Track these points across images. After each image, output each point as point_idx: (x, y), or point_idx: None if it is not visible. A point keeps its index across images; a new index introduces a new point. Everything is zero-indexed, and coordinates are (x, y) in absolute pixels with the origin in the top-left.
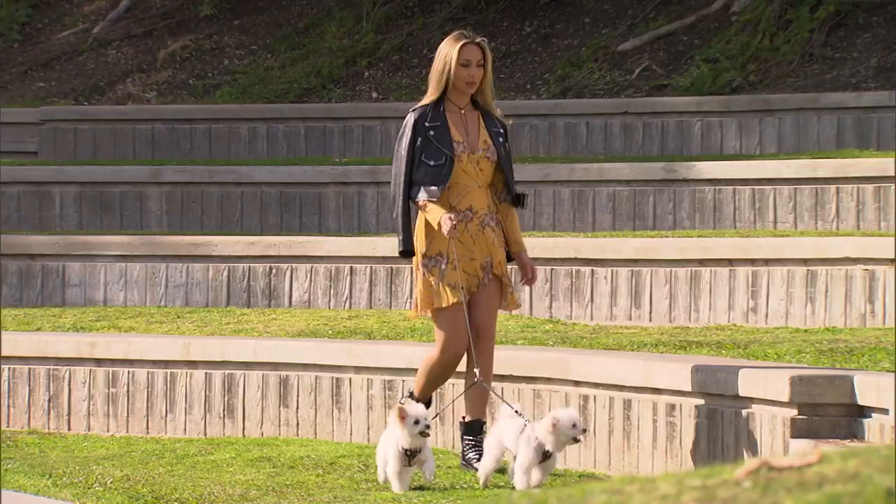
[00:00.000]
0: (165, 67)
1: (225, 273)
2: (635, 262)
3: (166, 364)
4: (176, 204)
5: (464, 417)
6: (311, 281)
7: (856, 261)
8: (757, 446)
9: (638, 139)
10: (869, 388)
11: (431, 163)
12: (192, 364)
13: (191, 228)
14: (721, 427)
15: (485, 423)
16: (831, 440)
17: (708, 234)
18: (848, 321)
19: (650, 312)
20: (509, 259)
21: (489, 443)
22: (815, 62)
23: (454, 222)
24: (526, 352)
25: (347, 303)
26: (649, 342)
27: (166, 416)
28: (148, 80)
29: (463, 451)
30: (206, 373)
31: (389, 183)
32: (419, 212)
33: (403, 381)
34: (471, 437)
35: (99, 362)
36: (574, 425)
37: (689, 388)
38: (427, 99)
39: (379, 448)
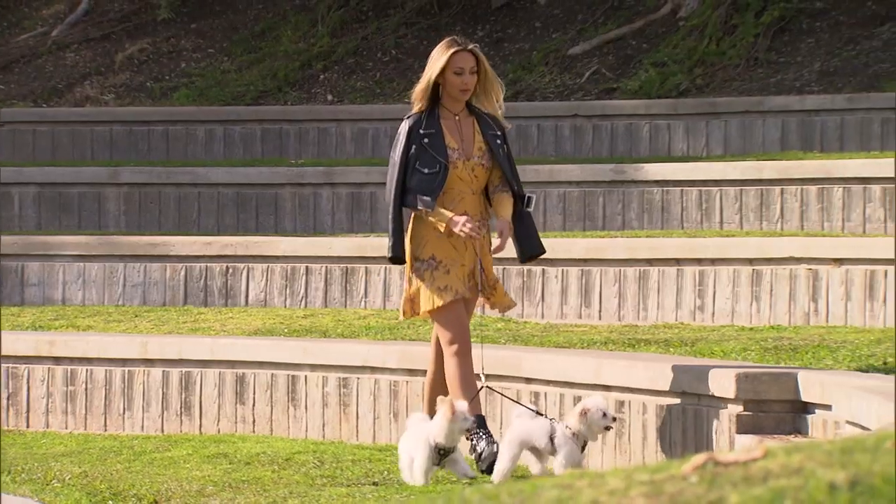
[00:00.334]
0: (123, 70)
1: (182, 273)
2: (585, 261)
3: (124, 362)
4: (134, 204)
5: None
6: (267, 280)
7: (799, 260)
8: (704, 442)
9: (588, 141)
10: (812, 384)
11: (426, 170)
12: (150, 362)
13: (148, 229)
14: (669, 423)
15: (484, 417)
16: (776, 436)
17: (656, 234)
18: (792, 319)
19: (600, 311)
20: (531, 255)
21: (504, 445)
22: (760, 66)
23: (470, 223)
24: (478, 350)
25: (303, 302)
26: (599, 340)
27: (124, 413)
28: (106, 83)
29: (473, 445)
30: (163, 371)
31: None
32: (412, 216)
33: (358, 378)
34: (479, 429)
35: (57, 360)
36: (604, 414)
37: (637, 385)
38: (418, 106)
39: (403, 447)
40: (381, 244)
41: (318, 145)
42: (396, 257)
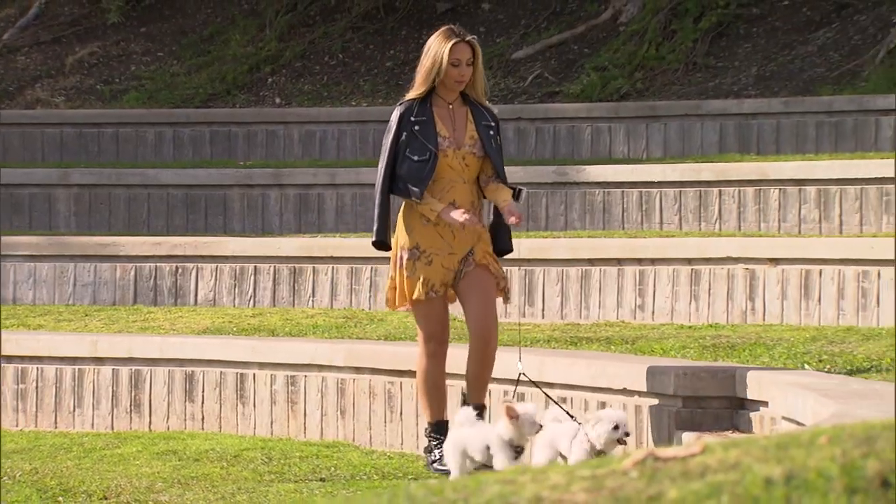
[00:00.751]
0: (74, 73)
1: (132, 272)
2: (528, 261)
3: (74, 361)
4: (84, 205)
5: (464, 395)
6: (216, 280)
7: (737, 260)
8: (644, 438)
9: (531, 143)
10: (749, 381)
11: (415, 158)
12: (100, 360)
13: (98, 229)
14: None
15: (485, 406)
16: (714, 431)
17: (597, 234)
18: (729, 318)
19: (543, 310)
20: (500, 251)
21: (537, 447)
22: (698, 71)
23: (466, 213)
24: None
25: (251, 301)
26: (542, 338)
27: (74, 411)
28: (56, 86)
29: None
30: (113, 369)
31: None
32: (403, 205)
33: (306, 376)
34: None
35: (8, 359)
36: (616, 427)
37: (579, 383)
38: (414, 93)
39: (454, 447)
40: (328, 244)
41: (266, 147)
42: (380, 241)
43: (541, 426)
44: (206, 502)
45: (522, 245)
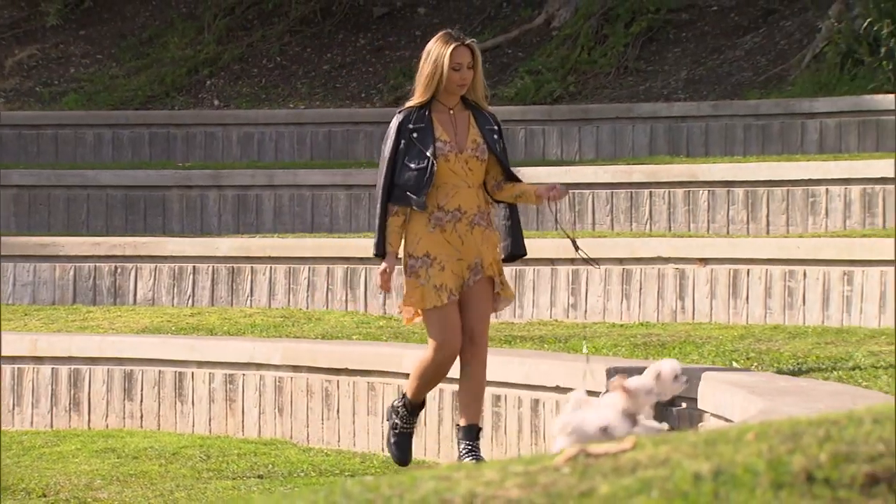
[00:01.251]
0: (13, 75)
1: (71, 272)
2: None
3: (13, 360)
4: (23, 206)
5: (458, 424)
6: (154, 280)
7: (667, 260)
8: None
9: None
10: None
11: (413, 165)
12: (39, 360)
13: (38, 230)
14: (543, 416)
15: (481, 428)
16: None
17: (532, 235)
18: (660, 317)
19: None
20: (513, 255)
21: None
22: (629, 74)
23: (386, 280)
24: (361, 346)
25: (190, 301)
26: None
27: (13, 409)
28: None
29: (459, 455)
30: (52, 368)
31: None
32: (409, 214)
33: (244, 375)
34: (468, 442)
35: None
36: (676, 377)
37: (513, 380)
38: (415, 100)
39: (567, 434)
40: (266, 245)
41: (204, 149)
42: (379, 255)
43: (657, 393)
44: (145, 499)
45: None
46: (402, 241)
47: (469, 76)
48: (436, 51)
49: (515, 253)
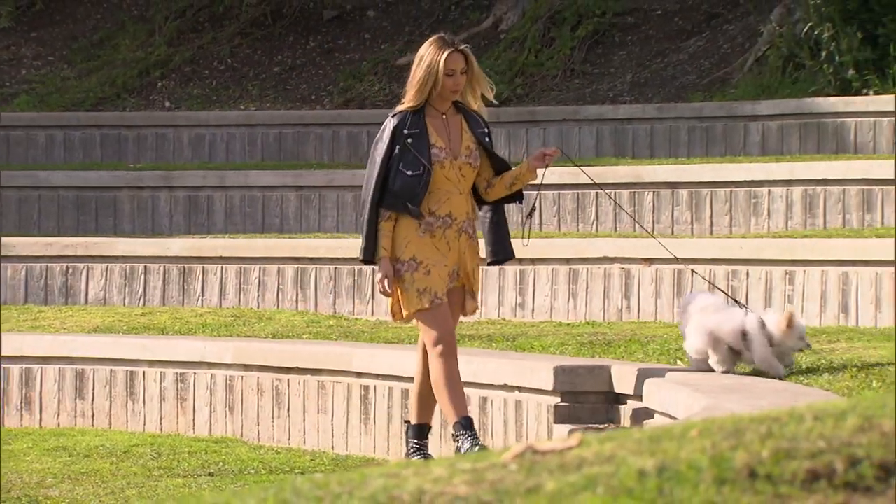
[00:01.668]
0: None
1: (23, 272)
2: None
3: None
4: None
5: (408, 421)
6: (106, 280)
7: (613, 260)
8: (523, 432)
9: None
10: (625, 377)
11: (409, 172)
12: None
13: None
14: (491, 414)
15: (431, 427)
16: (591, 425)
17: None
18: (606, 316)
19: None
20: (501, 256)
21: (691, 329)
22: (576, 77)
23: (386, 283)
24: (311, 346)
25: (142, 300)
26: None
27: None
28: None
29: (407, 452)
30: (3, 367)
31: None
32: (397, 218)
33: (195, 374)
34: (416, 441)
35: None
36: (801, 337)
37: (462, 379)
38: (407, 104)
39: (701, 332)
40: (217, 245)
41: (156, 150)
42: (366, 260)
43: (808, 346)
44: (96, 497)
45: None
46: (393, 241)
47: (462, 82)
48: (429, 56)
49: (503, 257)
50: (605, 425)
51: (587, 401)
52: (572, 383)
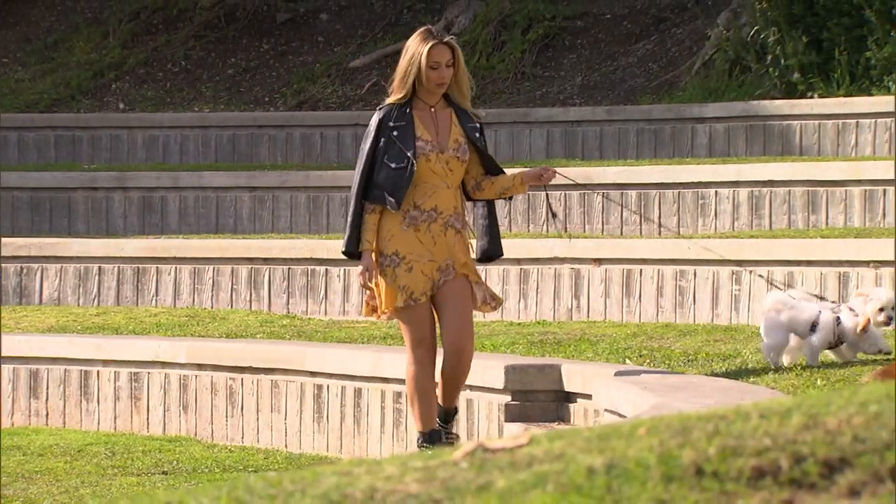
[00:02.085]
0: None
1: None
2: None
3: None
4: None
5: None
6: (60, 280)
7: (563, 260)
8: (474, 430)
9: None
10: (574, 376)
11: (393, 165)
12: None
13: None
14: None
15: (457, 409)
16: (541, 423)
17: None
18: (556, 315)
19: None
20: (490, 254)
21: (767, 329)
22: (526, 80)
23: (367, 276)
24: (265, 345)
25: (96, 300)
26: (378, 335)
27: None
28: None
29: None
30: None
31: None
32: (382, 211)
33: (149, 373)
34: (443, 424)
35: None
36: (874, 343)
37: None
38: (393, 97)
39: (773, 323)
40: (171, 245)
41: (110, 151)
42: (348, 252)
43: (880, 350)
44: (50, 496)
45: None
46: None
47: (448, 74)
48: (413, 47)
49: (492, 254)
50: (555, 423)
51: (537, 399)
52: (522, 382)
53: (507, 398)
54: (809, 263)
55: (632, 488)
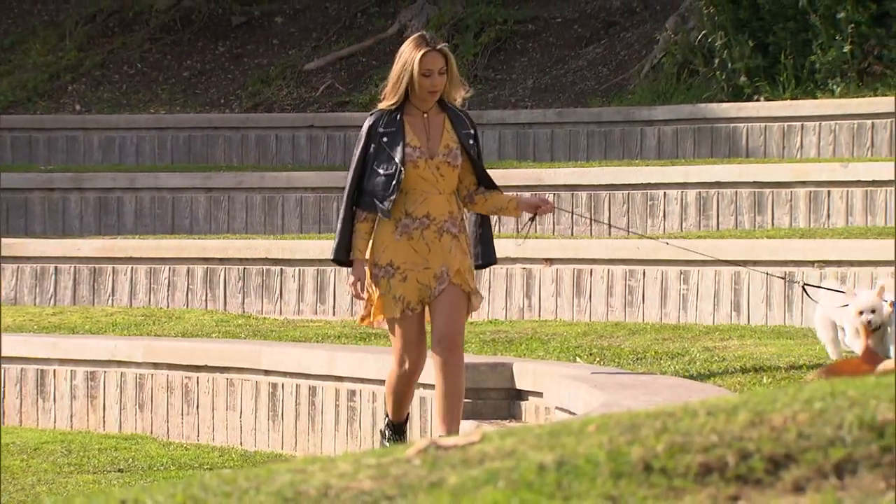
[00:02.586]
0: None
1: None
2: (321, 261)
3: None
4: None
5: (438, 434)
6: (17, 280)
7: (515, 260)
8: (427, 427)
9: (323, 150)
10: (526, 374)
11: (381, 171)
12: None
13: None
14: None
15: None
16: (493, 421)
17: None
18: (508, 314)
19: (334, 307)
20: (484, 261)
21: (818, 324)
22: (479, 83)
23: (358, 286)
24: (220, 344)
25: (52, 300)
26: (333, 334)
27: None
28: None
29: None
30: None
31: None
32: (368, 219)
33: (105, 372)
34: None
35: None
36: (861, 312)
37: (368, 376)
38: (385, 103)
39: (823, 321)
40: (127, 246)
41: (66, 153)
42: (338, 260)
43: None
44: (6, 493)
45: (315, 246)
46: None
47: (441, 82)
48: (406, 54)
49: (486, 261)
50: (507, 421)
51: (489, 397)
52: (475, 380)
53: None
54: (756, 263)
55: (581, 484)
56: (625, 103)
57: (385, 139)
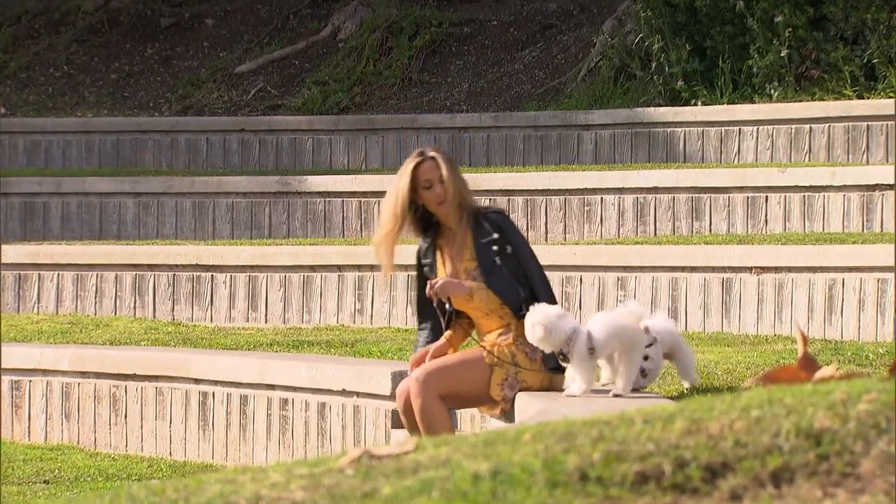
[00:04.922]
0: None
1: None
2: (252, 268)
3: None
4: None
5: None
6: None
7: None
8: (361, 436)
9: (255, 154)
10: None
11: (434, 304)
12: None
13: None
14: (329, 419)
15: None
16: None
17: (319, 241)
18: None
19: (266, 314)
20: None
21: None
22: (414, 86)
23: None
24: (150, 352)
25: None
26: (265, 342)
27: None
28: None
29: None
30: None
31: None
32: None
33: (30, 380)
34: None
35: None
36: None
37: (300, 384)
38: (416, 237)
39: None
40: (53, 251)
41: None
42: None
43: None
44: None
45: (246, 252)
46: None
47: (443, 191)
48: (396, 179)
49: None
50: None
51: None
52: None
53: (394, 405)
54: (693, 269)
55: (517, 494)
56: (561, 107)
57: (426, 269)
